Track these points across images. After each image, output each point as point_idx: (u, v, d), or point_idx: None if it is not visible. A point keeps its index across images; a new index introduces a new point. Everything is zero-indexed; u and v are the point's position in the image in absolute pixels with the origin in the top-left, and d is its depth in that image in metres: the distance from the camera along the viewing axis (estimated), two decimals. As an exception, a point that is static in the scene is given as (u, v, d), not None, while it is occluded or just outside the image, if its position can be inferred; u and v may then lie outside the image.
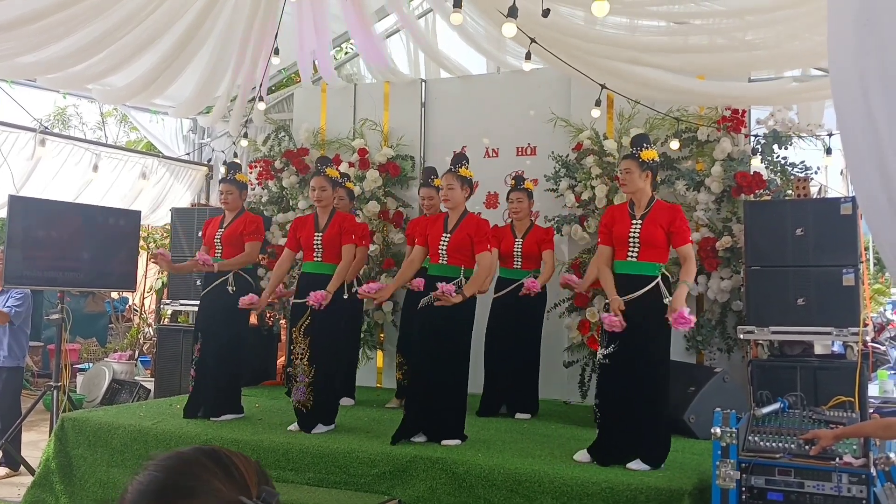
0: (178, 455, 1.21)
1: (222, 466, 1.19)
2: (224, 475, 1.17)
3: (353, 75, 9.11)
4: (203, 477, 1.16)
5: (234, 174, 6.11)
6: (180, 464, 1.19)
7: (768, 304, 5.81)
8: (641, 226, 4.62)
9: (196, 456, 1.21)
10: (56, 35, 6.37)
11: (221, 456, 1.21)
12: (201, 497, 1.14)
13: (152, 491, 1.16)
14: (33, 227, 6.38)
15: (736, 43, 5.68)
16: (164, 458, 1.21)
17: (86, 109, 13.01)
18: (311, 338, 5.39)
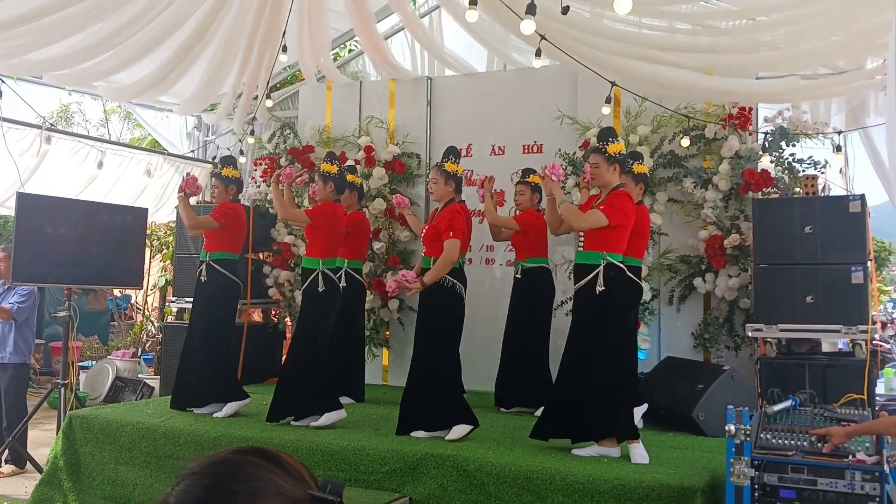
0: (226, 458, 1.11)
1: (278, 464, 1.11)
2: (284, 472, 1.09)
3: (358, 73, 9.10)
4: (264, 477, 1.07)
5: (221, 169, 6.14)
6: (233, 466, 1.09)
7: (776, 302, 5.80)
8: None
9: (247, 456, 1.11)
10: (65, 32, 6.37)
11: (272, 453, 1.13)
12: (267, 499, 1.05)
13: (206, 500, 1.05)
14: (41, 224, 6.37)
15: (745, 43, 5.68)
16: (212, 463, 1.11)
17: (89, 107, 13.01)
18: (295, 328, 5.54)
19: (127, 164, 8.60)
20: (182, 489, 1.08)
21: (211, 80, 7.75)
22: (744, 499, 3.60)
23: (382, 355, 7.90)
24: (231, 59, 7.47)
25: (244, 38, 7.12)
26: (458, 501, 4.42)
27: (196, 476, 1.09)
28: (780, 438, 3.78)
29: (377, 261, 7.73)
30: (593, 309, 4.60)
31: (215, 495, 1.05)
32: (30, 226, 6.31)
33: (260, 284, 7.93)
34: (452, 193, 5.34)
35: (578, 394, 4.63)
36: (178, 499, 1.07)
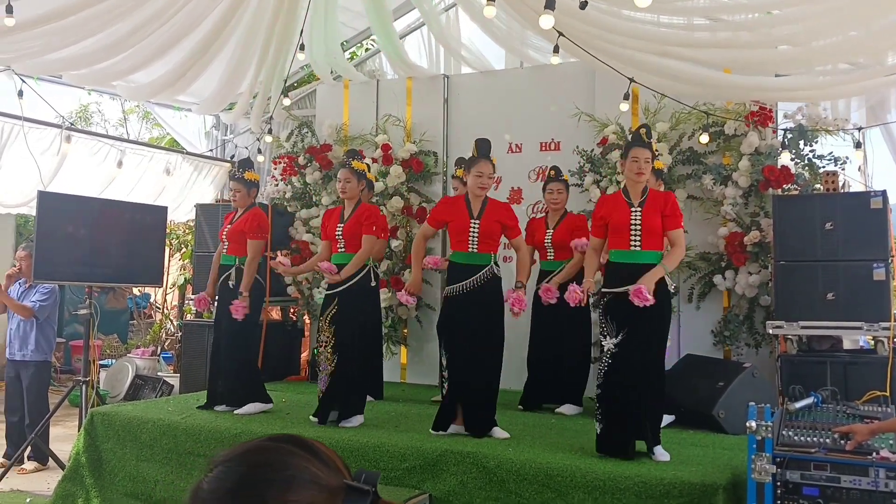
0: (260, 445, 1.09)
1: (312, 452, 1.08)
2: (318, 461, 1.07)
3: (375, 71, 9.12)
4: (299, 465, 1.05)
5: (243, 172, 6.14)
6: (267, 454, 1.07)
7: (797, 299, 5.77)
8: (641, 213, 4.57)
9: (281, 444, 1.09)
10: (84, 32, 6.41)
11: (306, 442, 1.10)
12: (302, 488, 1.03)
13: (239, 488, 1.03)
14: (62, 223, 6.41)
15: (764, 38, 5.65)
16: (245, 451, 1.08)
17: (108, 107, 13.09)
18: (335, 327, 5.43)
19: (146, 164, 8.66)
20: (215, 476, 1.06)
21: (229, 80, 7.79)
22: (765, 495, 3.58)
23: (401, 353, 7.91)
24: (249, 59, 7.50)
25: (261, 37, 7.15)
26: (477, 498, 4.42)
27: (230, 463, 1.07)
28: (803, 435, 3.76)
29: (395, 259, 7.74)
30: (659, 311, 4.47)
31: (249, 483, 1.04)
32: (51, 224, 6.35)
33: (278, 283, 7.96)
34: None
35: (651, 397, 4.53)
36: (211, 486, 1.06)
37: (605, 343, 4.53)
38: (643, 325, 4.45)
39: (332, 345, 5.43)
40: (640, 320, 4.43)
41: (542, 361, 6.19)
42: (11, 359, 6.70)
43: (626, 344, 4.47)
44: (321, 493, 1.04)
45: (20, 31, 5.83)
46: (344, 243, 5.55)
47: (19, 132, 7.12)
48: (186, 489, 5.06)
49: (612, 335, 4.51)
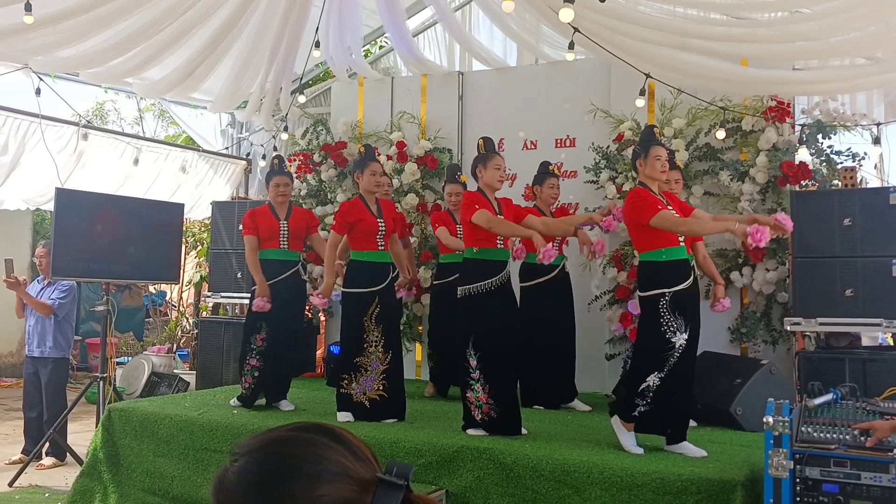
0: (289, 435, 1.05)
1: (343, 443, 1.05)
2: (349, 452, 1.03)
3: (389, 69, 9.12)
4: (329, 456, 1.02)
5: (285, 166, 6.17)
6: (296, 445, 1.03)
7: (815, 296, 5.74)
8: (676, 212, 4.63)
9: (311, 434, 1.05)
10: (96, 29, 6.44)
11: (336, 431, 1.06)
12: (331, 481, 1.00)
13: (267, 480, 1.00)
14: (79, 220, 6.46)
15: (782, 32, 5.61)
16: (273, 441, 1.05)
17: (123, 105, 13.17)
18: (383, 325, 5.41)
19: (162, 162, 8.69)
20: (241, 466, 1.03)
21: (241, 77, 7.81)
22: (783, 491, 3.56)
23: (415, 350, 7.91)
24: (260, 56, 7.52)
25: (272, 34, 7.16)
26: (494, 494, 4.41)
27: (257, 454, 1.04)
28: (822, 432, 3.73)
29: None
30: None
31: (277, 475, 1.00)
32: (68, 221, 6.39)
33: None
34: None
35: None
36: (237, 477, 1.03)
37: (676, 339, 4.47)
38: (698, 319, 4.57)
39: (383, 344, 5.39)
40: (698, 315, 4.56)
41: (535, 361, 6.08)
42: (30, 355, 6.75)
43: (693, 339, 4.54)
44: (352, 486, 1.01)
45: (35, 28, 5.86)
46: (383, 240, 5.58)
47: (37, 130, 7.16)
48: (203, 485, 5.10)
49: (681, 331, 4.49)
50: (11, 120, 7.05)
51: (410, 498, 1.03)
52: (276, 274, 5.84)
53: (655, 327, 4.48)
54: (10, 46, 6.41)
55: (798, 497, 3.60)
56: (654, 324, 4.48)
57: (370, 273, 5.45)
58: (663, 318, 4.46)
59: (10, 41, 6.29)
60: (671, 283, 4.50)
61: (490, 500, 4.41)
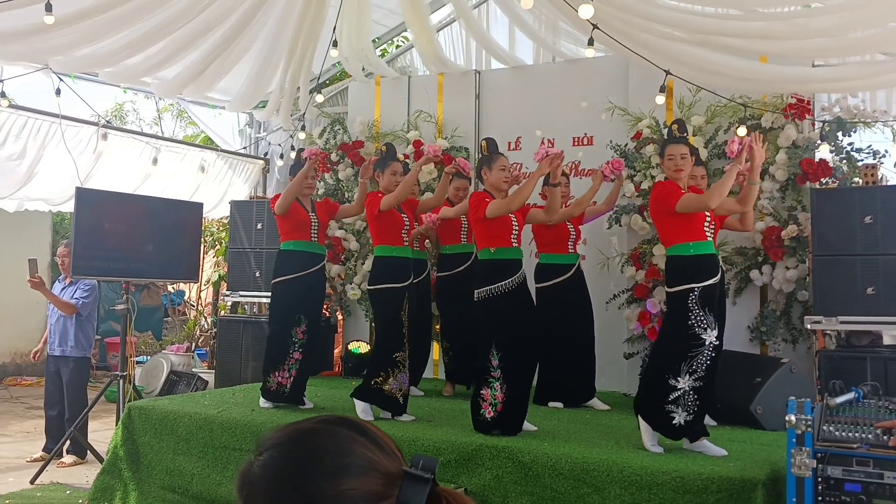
0: (315, 428, 1.04)
1: (369, 436, 1.04)
2: (375, 446, 1.02)
3: (406, 67, 9.13)
4: (356, 450, 1.01)
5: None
6: (322, 438, 1.03)
7: (836, 294, 5.68)
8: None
9: (336, 427, 1.04)
10: (113, 28, 6.47)
11: (362, 424, 1.05)
12: (357, 474, 0.99)
13: (292, 474, 0.99)
14: (99, 219, 6.50)
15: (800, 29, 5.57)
16: (299, 433, 1.04)
17: (142, 105, 13.25)
18: (410, 321, 5.45)
19: (181, 161, 8.74)
20: (267, 460, 1.03)
21: (259, 77, 7.84)
22: (805, 491, 3.54)
23: (432, 349, 7.90)
24: (278, 56, 7.54)
25: (289, 34, 7.18)
26: (513, 493, 4.40)
27: (282, 447, 1.03)
28: (844, 431, 3.70)
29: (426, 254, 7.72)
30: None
31: (304, 468, 1.00)
32: (88, 220, 6.43)
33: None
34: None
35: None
36: (262, 470, 1.02)
37: (707, 336, 4.46)
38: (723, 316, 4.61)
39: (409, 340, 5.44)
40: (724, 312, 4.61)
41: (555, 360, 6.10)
42: (51, 354, 6.81)
43: (720, 336, 4.56)
44: (378, 479, 1.00)
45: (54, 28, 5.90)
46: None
47: (57, 130, 7.21)
48: (222, 483, 5.11)
49: (711, 327, 4.48)
50: (32, 120, 7.10)
51: (437, 491, 1.02)
52: (306, 266, 5.82)
53: (683, 323, 4.45)
54: (29, 47, 6.46)
55: (820, 496, 3.58)
56: (683, 320, 4.45)
57: (398, 268, 5.47)
58: (692, 314, 4.44)
59: (29, 41, 6.34)
60: (700, 277, 4.48)
61: (509, 498, 4.40)
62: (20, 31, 6.12)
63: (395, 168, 5.61)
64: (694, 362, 4.47)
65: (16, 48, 6.44)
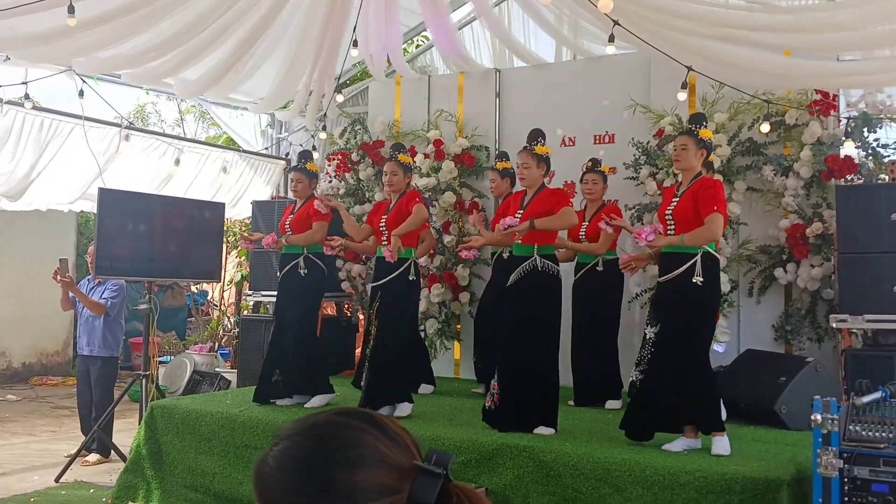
0: (329, 420, 1.05)
1: (382, 429, 1.04)
2: (388, 439, 1.02)
3: (426, 67, 9.12)
4: (368, 442, 1.01)
5: (305, 163, 6.18)
6: (336, 429, 1.03)
7: (862, 292, 5.60)
8: (678, 202, 4.58)
9: (350, 419, 1.04)
10: (136, 29, 6.50)
11: (376, 418, 1.05)
12: (369, 467, 0.99)
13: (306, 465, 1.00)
14: (122, 220, 6.54)
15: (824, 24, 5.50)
16: (313, 425, 1.05)
17: (164, 107, 13.33)
18: (379, 320, 5.48)
19: (203, 162, 8.78)
20: (281, 450, 1.04)
21: (286, 78, 7.85)
22: (832, 491, 3.48)
23: (454, 348, 7.90)
24: (305, 57, 7.55)
25: (315, 35, 7.18)
26: (534, 493, 4.38)
27: (296, 438, 1.04)
28: (871, 430, 3.64)
29: (447, 254, 7.73)
30: (692, 300, 4.46)
31: (316, 460, 1.01)
32: (111, 221, 6.47)
33: (333, 278, 8.01)
34: (544, 177, 5.29)
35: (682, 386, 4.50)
36: (276, 461, 1.03)
37: (648, 331, 4.59)
38: (677, 317, 4.48)
39: (374, 339, 5.50)
40: (678, 310, 4.48)
41: (586, 361, 6.14)
42: (80, 353, 6.88)
43: (661, 334, 4.52)
44: (390, 472, 1.00)
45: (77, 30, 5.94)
46: (388, 235, 5.58)
47: (80, 131, 7.27)
48: (244, 482, 5.13)
49: (652, 324, 4.58)
50: (55, 122, 7.17)
51: (449, 488, 1.01)
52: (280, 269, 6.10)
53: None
54: (53, 49, 6.51)
55: (846, 497, 3.52)
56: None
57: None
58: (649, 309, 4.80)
59: (53, 44, 6.39)
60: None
61: (530, 498, 4.39)
62: (44, 34, 6.17)
63: (388, 168, 5.77)
64: (640, 356, 4.68)
65: (40, 50, 6.50)
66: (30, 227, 10.82)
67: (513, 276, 5.01)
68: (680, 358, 4.48)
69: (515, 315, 4.98)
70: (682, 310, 4.47)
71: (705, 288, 4.43)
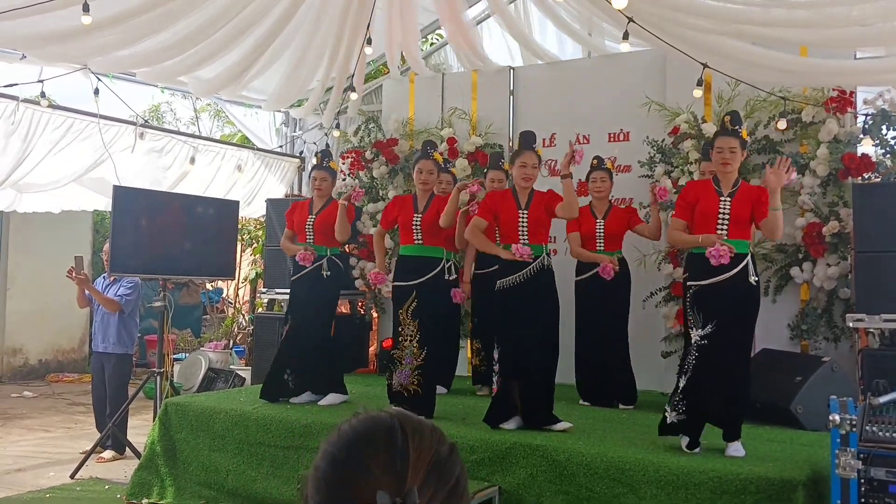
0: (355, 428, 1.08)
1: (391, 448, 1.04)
2: (385, 461, 1.02)
3: (440, 65, 9.11)
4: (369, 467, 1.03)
5: (327, 162, 6.18)
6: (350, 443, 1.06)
7: (879, 291, 5.55)
8: (731, 203, 4.52)
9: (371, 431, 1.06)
10: (153, 29, 6.53)
11: (396, 435, 1.05)
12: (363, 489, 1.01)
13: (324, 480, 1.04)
14: (137, 217, 6.56)
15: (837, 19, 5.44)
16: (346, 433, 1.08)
17: (179, 105, 13.35)
18: (419, 320, 5.42)
19: (218, 160, 8.81)
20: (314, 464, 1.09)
21: (297, 75, 7.86)
22: (851, 492, 3.45)
23: (467, 347, 7.86)
24: (318, 54, 7.55)
25: (332, 31, 7.18)
26: (547, 492, 4.37)
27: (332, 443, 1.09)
28: (889, 431, 3.61)
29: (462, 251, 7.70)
30: (747, 300, 4.46)
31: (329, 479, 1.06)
32: (126, 219, 6.50)
33: (347, 277, 8.01)
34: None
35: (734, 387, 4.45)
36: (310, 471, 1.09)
37: (693, 334, 4.44)
38: (729, 318, 4.39)
39: (419, 339, 5.41)
40: (728, 313, 4.39)
41: (590, 362, 6.12)
42: (95, 350, 6.91)
43: (714, 336, 4.38)
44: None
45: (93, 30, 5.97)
46: (421, 235, 5.58)
47: (95, 129, 7.30)
48: (257, 479, 5.13)
49: (698, 326, 4.43)
50: (70, 120, 7.20)
51: None
52: (296, 270, 6.04)
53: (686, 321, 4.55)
54: (69, 48, 6.54)
55: (863, 498, 3.49)
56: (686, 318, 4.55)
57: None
58: (688, 313, 4.52)
59: (69, 43, 6.42)
60: (692, 277, 4.53)
61: (543, 497, 4.37)
62: (60, 33, 6.20)
63: (424, 166, 5.71)
64: (685, 362, 4.46)
65: (56, 49, 6.53)
66: (46, 226, 10.88)
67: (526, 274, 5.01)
68: (735, 357, 4.43)
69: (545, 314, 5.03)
70: (740, 309, 4.43)
71: (758, 287, 4.51)
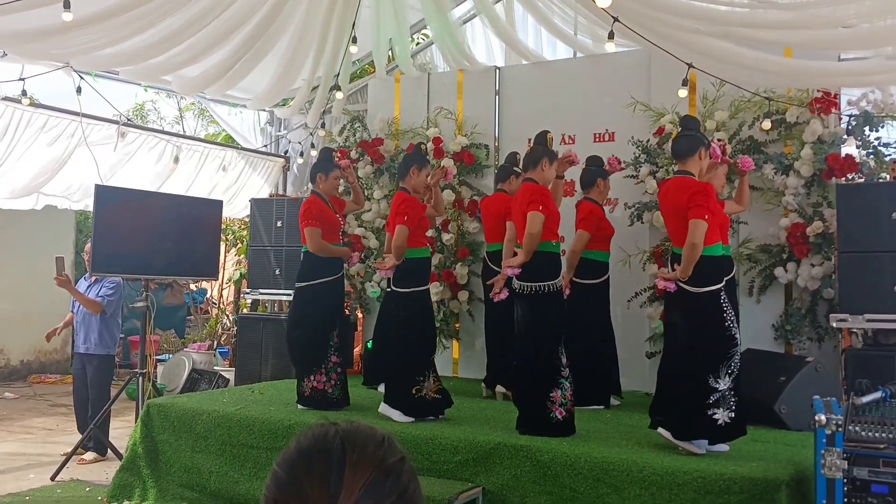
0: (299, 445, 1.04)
1: (326, 466, 0.99)
2: (319, 480, 0.98)
3: (426, 64, 9.08)
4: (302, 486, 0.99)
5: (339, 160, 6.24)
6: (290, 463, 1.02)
7: (862, 291, 5.59)
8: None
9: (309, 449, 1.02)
10: (137, 28, 6.48)
11: (332, 452, 1.00)
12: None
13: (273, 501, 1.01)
14: (119, 216, 6.50)
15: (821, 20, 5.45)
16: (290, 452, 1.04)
17: (163, 104, 13.29)
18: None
19: (202, 160, 8.76)
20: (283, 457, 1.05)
21: (283, 75, 7.82)
22: (836, 492, 3.45)
23: (452, 347, 7.86)
24: (304, 53, 7.52)
25: (318, 31, 7.15)
26: (531, 492, 4.35)
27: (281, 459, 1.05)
28: (871, 431, 3.61)
29: (446, 252, 7.70)
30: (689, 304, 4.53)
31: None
32: (108, 218, 6.44)
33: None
34: None
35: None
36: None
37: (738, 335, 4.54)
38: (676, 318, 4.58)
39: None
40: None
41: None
42: (77, 351, 6.85)
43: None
44: None
45: (76, 28, 5.91)
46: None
47: (78, 128, 7.24)
48: (240, 480, 5.08)
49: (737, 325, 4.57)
50: (53, 119, 7.14)
51: None
52: (338, 269, 5.87)
53: (720, 324, 4.38)
54: (50, 45, 6.47)
55: (847, 497, 3.49)
56: (719, 321, 4.38)
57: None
58: (726, 313, 4.40)
59: (51, 41, 6.35)
60: (722, 276, 4.51)
61: (527, 497, 4.36)
62: (42, 31, 6.13)
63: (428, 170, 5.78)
64: (731, 362, 4.39)
65: (38, 47, 6.46)
66: (29, 225, 10.78)
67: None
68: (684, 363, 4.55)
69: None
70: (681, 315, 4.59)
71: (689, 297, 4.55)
